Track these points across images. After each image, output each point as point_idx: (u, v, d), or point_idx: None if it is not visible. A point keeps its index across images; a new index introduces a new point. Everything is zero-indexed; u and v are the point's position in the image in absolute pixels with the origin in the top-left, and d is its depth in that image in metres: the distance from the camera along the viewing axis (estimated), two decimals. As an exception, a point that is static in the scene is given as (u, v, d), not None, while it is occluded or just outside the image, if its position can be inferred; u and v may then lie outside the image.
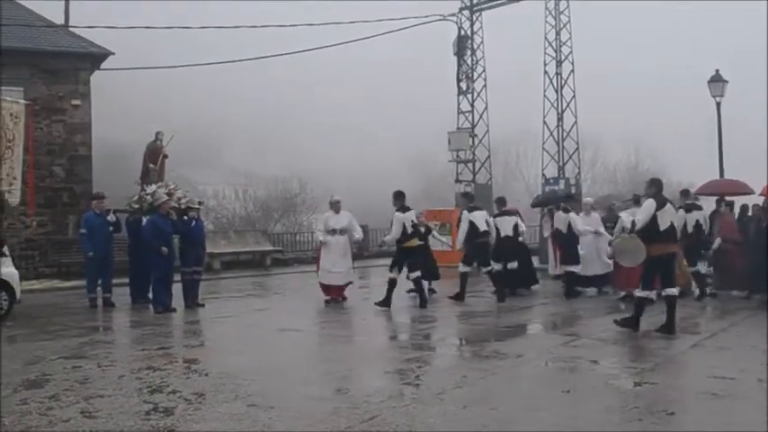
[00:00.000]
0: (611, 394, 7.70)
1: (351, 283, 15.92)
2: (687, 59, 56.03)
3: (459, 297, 15.71)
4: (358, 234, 15.98)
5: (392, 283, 14.69)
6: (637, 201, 16.77)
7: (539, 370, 9.08)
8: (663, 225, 10.98)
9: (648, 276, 11.28)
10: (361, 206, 15.54)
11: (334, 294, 15.58)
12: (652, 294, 11.28)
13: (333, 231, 15.42)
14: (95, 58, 23.78)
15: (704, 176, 21.45)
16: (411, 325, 13.12)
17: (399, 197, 14.89)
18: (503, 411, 7.02)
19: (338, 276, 15.45)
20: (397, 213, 14.69)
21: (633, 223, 11.05)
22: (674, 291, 11.24)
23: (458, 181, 29.13)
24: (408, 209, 14.88)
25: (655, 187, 11.24)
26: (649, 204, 11.02)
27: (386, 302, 14.54)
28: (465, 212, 16.17)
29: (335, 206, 15.63)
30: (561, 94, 26.45)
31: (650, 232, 10.94)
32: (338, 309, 14.95)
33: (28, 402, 7.45)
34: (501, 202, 17.27)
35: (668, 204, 11.23)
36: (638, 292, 11.32)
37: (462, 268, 15.79)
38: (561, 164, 26.65)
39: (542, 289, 17.57)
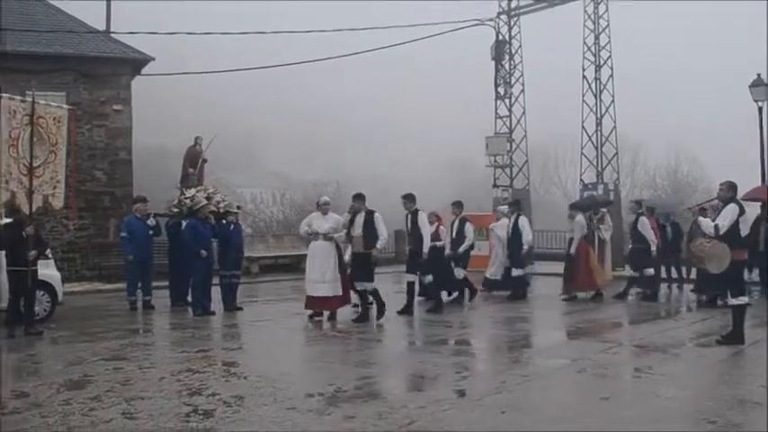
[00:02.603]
0: (650, 402, 7.62)
1: (342, 297, 13.70)
2: (727, 61, 55.39)
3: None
4: (338, 237, 13.76)
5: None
6: (639, 205, 17.71)
7: (577, 376, 9.01)
8: (744, 231, 10.79)
9: (739, 283, 11.02)
10: (398, 210, 15.34)
11: (318, 307, 13.63)
12: (746, 299, 11.03)
13: (315, 235, 13.68)
14: (136, 63, 24.05)
15: (746, 182, 21.15)
16: (448, 330, 13.08)
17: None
18: (541, 417, 6.97)
19: (322, 287, 13.42)
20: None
21: (716, 228, 10.79)
22: (744, 299, 10.94)
23: (495, 186, 29.02)
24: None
25: (732, 191, 10.93)
26: (732, 209, 10.69)
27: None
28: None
29: (323, 208, 13.88)
30: (600, 99, 26.25)
31: (733, 237, 10.69)
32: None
33: (70, 403, 7.55)
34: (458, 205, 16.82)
35: (747, 210, 11.04)
36: (735, 300, 10.86)
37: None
38: (600, 169, 26.45)
39: (583, 295, 17.43)
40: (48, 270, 13.72)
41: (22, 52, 21.96)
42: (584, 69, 26.48)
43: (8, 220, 12.52)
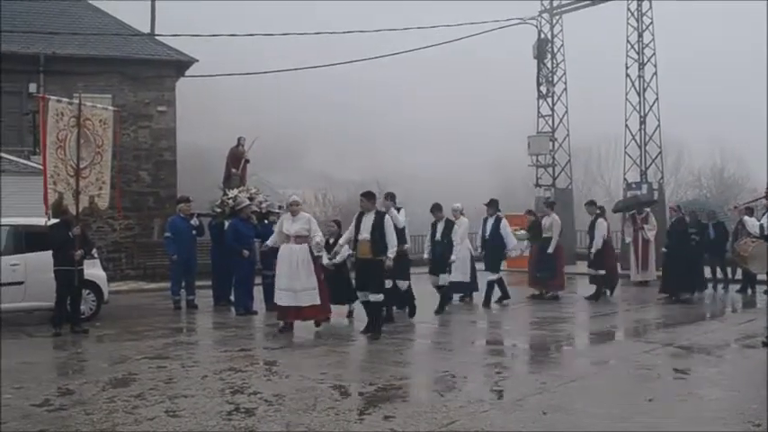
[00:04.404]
0: (695, 403, 7.53)
1: (321, 307, 12.45)
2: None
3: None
4: (317, 238, 12.38)
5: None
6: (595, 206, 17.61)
7: (621, 378, 8.93)
8: None
9: None
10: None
11: (289, 318, 12.34)
12: None
13: (286, 238, 12.34)
14: (180, 65, 24.34)
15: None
16: (487, 331, 13.05)
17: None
18: (582, 419, 6.92)
19: (289, 296, 12.12)
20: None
21: (762, 227, 10.63)
22: None
23: (537, 185, 28.85)
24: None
25: None
26: None
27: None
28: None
29: (292, 209, 12.47)
30: (644, 97, 25.94)
31: None
32: (404, 317, 14.00)
33: (115, 400, 7.66)
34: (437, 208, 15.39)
35: None
36: None
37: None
38: (644, 168, 26.15)
39: (625, 296, 17.28)
40: (94, 269, 13.94)
41: (68, 55, 22.39)
42: (627, 67, 26.18)
43: (56, 221, 12.72)
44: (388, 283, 12.75)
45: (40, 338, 12.08)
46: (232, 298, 15.42)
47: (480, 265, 16.52)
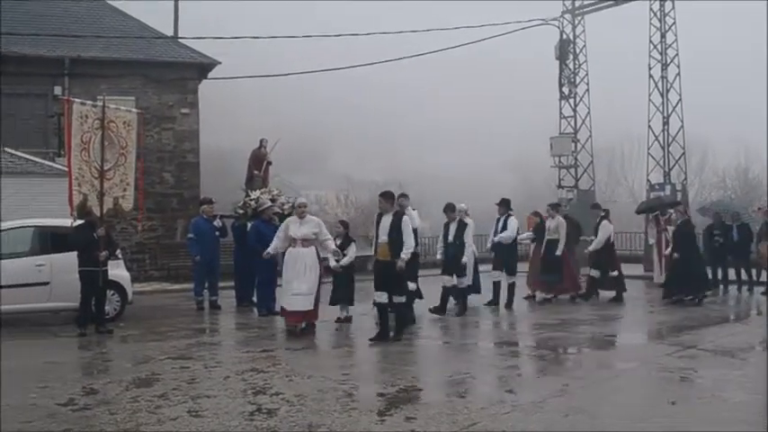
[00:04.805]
0: (718, 406, 7.49)
1: (313, 312, 12.27)
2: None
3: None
4: (332, 245, 12.42)
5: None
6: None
7: (643, 380, 8.89)
8: None
9: None
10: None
11: (293, 321, 12.26)
12: None
13: (293, 242, 12.23)
14: (203, 67, 24.50)
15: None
16: (509, 333, 13.03)
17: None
18: (604, 421, 6.90)
19: (296, 300, 12.01)
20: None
21: None
22: None
23: (560, 186, 28.75)
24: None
25: None
26: None
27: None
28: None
29: (299, 211, 12.43)
30: (667, 98, 25.79)
31: None
32: (434, 319, 14.21)
33: (138, 400, 7.72)
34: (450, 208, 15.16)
35: None
36: None
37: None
38: (667, 169, 25.99)
39: (648, 297, 17.19)
40: (118, 270, 14.05)
41: (92, 58, 22.56)
42: (650, 68, 26.04)
43: (80, 222, 12.83)
44: (412, 285, 12.79)
45: (66, 338, 12.20)
46: (254, 299, 15.48)
47: (485, 267, 16.47)
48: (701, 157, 53.43)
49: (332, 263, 12.73)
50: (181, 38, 24.48)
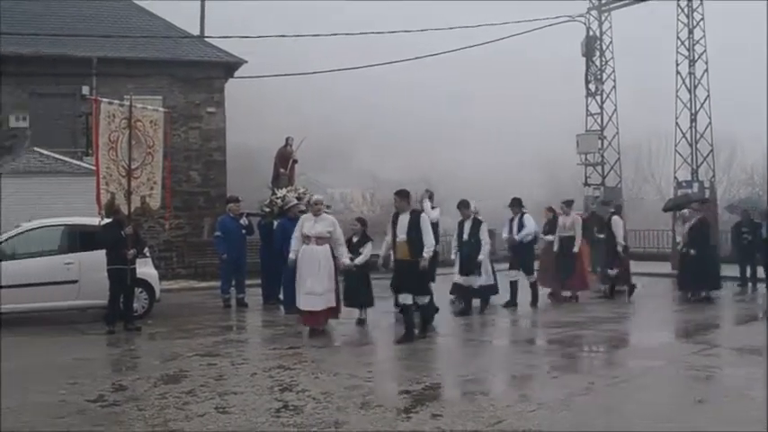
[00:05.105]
0: (746, 404, 7.42)
1: (334, 309, 12.19)
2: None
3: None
4: (344, 258, 12.19)
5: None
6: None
7: (670, 378, 8.83)
8: None
9: None
10: (490, 209, 15.19)
11: (311, 323, 12.02)
12: None
13: (307, 239, 11.99)
14: (229, 66, 24.62)
15: None
16: (536, 330, 12.99)
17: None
18: (630, 419, 6.87)
19: (312, 300, 11.77)
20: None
21: None
22: None
23: (586, 184, 28.58)
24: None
25: None
26: None
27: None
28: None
29: (314, 208, 12.28)
30: (695, 95, 25.56)
31: None
32: (457, 318, 14.09)
33: (166, 397, 7.80)
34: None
35: None
36: None
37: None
38: (695, 166, 25.76)
39: (675, 295, 17.07)
40: (146, 268, 14.17)
41: (119, 58, 22.76)
42: (677, 64, 25.81)
43: (108, 221, 12.95)
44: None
45: (94, 336, 12.33)
46: (281, 296, 15.53)
47: (500, 266, 16.22)
48: (729, 153, 52.87)
49: (345, 261, 12.27)
50: (207, 37, 24.64)
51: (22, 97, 22.46)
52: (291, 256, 12.09)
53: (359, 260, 12.74)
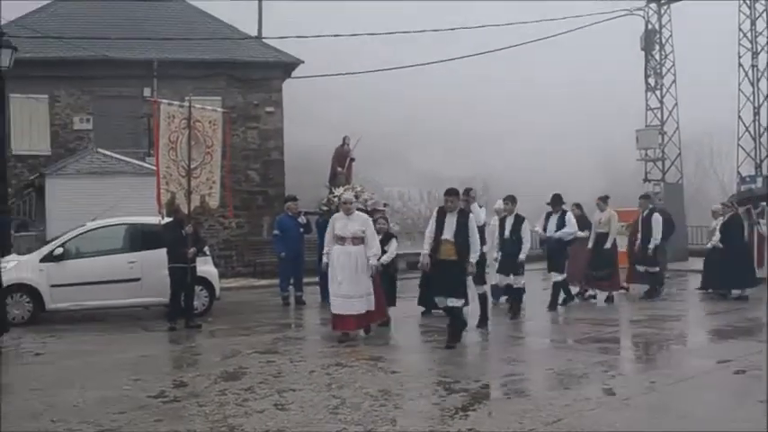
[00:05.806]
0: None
1: (376, 312, 11.65)
2: None
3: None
4: (374, 249, 11.39)
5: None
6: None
7: (733, 378, 8.65)
8: None
9: None
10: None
11: (347, 327, 11.31)
12: None
13: (340, 240, 11.38)
14: (287, 66, 24.82)
15: None
16: (594, 328, 12.85)
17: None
18: (692, 420, 6.76)
19: (346, 303, 11.18)
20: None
21: None
22: None
23: (646, 180, 28.19)
24: None
25: None
26: None
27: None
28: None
29: (345, 207, 11.65)
30: (757, 87, 25.02)
31: None
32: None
33: (226, 393, 7.91)
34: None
35: None
36: None
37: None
38: (758, 161, 25.21)
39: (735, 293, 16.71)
40: (206, 266, 14.38)
41: (179, 59, 23.07)
42: (739, 57, 25.31)
43: (169, 220, 13.17)
44: (480, 289, 12.45)
45: (157, 333, 12.56)
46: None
47: (531, 266, 15.81)
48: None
49: (372, 261, 11.37)
50: (265, 38, 24.84)
51: (85, 100, 23.01)
52: (325, 259, 11.64)
53: (384, 258, 12.22)
